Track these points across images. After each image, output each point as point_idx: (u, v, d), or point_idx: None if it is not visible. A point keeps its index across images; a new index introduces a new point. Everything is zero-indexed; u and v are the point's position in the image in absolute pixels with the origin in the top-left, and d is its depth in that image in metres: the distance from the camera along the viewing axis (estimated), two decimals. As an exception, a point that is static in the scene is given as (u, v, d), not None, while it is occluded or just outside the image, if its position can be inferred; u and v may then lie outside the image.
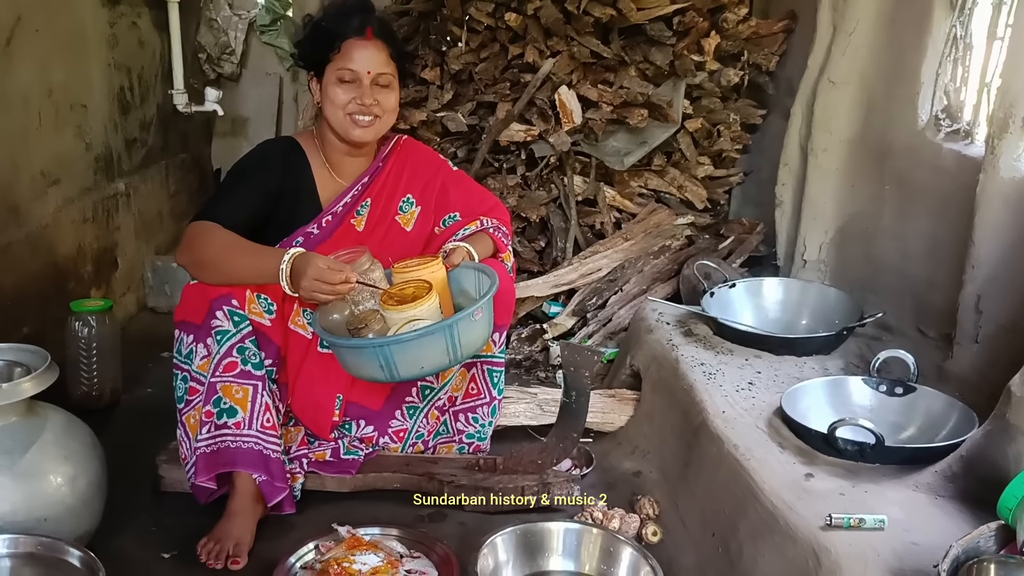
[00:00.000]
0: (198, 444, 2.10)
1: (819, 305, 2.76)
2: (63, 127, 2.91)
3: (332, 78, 2.26)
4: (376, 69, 2.26)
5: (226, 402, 2.09)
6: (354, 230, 2.37)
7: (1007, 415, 1.70)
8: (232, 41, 4.10)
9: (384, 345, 1.99)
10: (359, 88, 2.25)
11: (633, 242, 3.38)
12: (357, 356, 2.05)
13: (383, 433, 2.39)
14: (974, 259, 2.22)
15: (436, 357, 2.04)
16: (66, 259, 2.92)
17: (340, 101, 2.26)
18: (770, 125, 3.55)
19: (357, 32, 2.25)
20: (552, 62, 3.44)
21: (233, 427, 2.09)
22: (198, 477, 2.09)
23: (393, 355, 1.98)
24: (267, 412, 2.12)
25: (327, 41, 2.26)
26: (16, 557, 1.72)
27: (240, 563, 1.99)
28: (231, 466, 2.09)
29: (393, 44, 2.31)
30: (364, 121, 2.28)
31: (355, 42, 2.25)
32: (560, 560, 1.96)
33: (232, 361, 2.10)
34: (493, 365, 2.44)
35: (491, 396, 2.45)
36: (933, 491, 1.80)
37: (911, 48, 2.59)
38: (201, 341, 2.12)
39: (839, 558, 1.58)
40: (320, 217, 2.33)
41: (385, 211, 2.41)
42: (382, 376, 2.03)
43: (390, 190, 2.43)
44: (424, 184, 2.46)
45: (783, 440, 2.04)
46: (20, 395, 1.80)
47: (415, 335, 1.99)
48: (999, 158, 2.13)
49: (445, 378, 2.41)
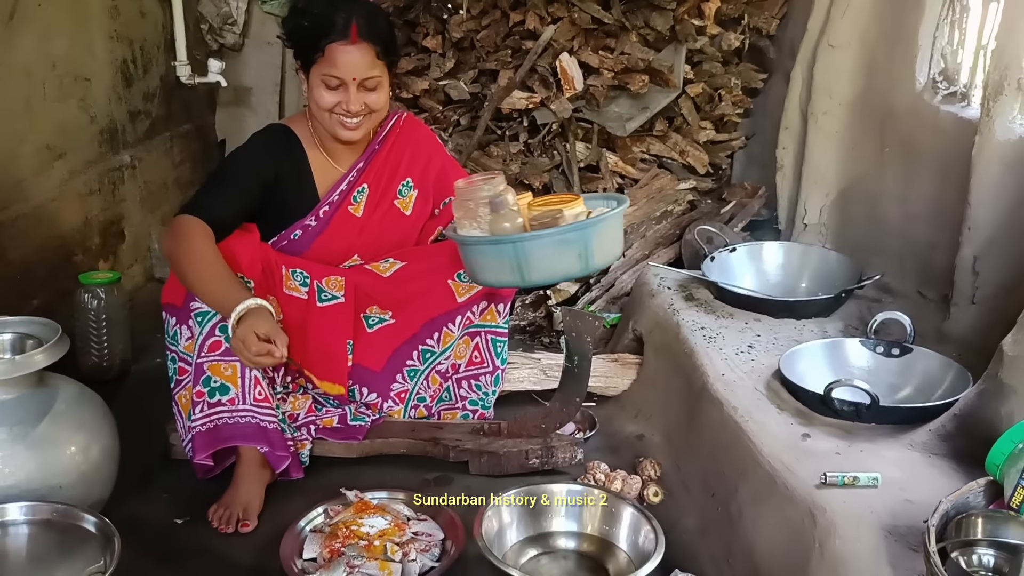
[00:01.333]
0: (193, 423, 2.13)
1: (819, 268, 2.78)
2: (67, 100, 2.93)
3: (316, 80, 2.20)
4: (362, 74, 2.18)
5: (216, 380, 2.12)
6: (352, 216, 2.38)
7: (999, 374, 1.74)
8: (233, 11, 4.09)
9: (590, 227, 2.01)
10: (345, 93, 2.19)
11: (635, 207, 3.39)
12: (559, 246, 2.02)
13: (385, 397, 2.41)
14: (971, 221, 2.23)
15: (617, 243, 2.12)
16: (73, 231, 2.95)
17: (325, 104, 2.21)
18: (772, 88, 3.55)
19: (341, 34, 2.14)
20: (553, 29, 3.44)
21: (228, 403, 2.12)
22: (196, 455, 2.13)
23: (593, 239, 2.01)
24: (257, 385, 2.14)
25: (311, 42, 2.17)
26: (34, 524, 1.76)
27: (250, 526, 2.05)
28: (230, 441, 2.13)
29: (380, 41, 2.20)
30: (351, 123, 2.24)
31: (339, 46, 2.15)
32: (563, 521, 2.00)
33: (216, 340, 2.11)
34: (496, 335, 2.48)
35: (494, 365, 2.49)
36: (927, 450, 1.83)
37: (909, 10, 2.58)
38: (184, 323, 2.15)
39: (834, 516, 1.62)
40: (317, 208, 2.34)
41: (383, 195, 2.41)
42: (579, 267, 2.05)
43: (389, 173, 2.42)
44: (423, 167, 2.46)
45: (782, 402, 2.08)
46: (33, 367, 1.83)
47: (611, 215, 2.05)
48: (994, 120, 2.14)
49: (446, 343, 2.43)
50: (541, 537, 1.98)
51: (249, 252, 2.21)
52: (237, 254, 2.17)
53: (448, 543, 1.93)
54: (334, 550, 1.87)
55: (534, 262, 2.03)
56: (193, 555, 1.97)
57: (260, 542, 2.00)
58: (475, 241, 2.09)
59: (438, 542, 1.94)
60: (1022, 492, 1.43)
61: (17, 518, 1.76)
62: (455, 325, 2.44)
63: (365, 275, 2.40)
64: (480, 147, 3.58)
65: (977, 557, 1.41)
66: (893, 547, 1.53)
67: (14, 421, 1.81)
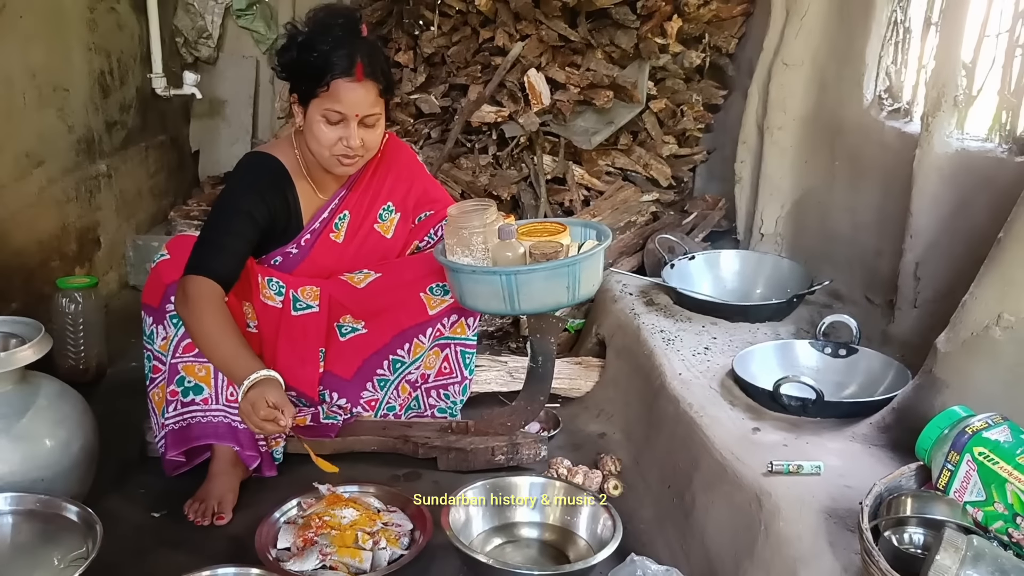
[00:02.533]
0: (166, 421, 2.20)
1: (773, 275, 2.90)
2: (46, 109, 3.00)
3: (317, 115, 2.19)
4: (364, 111, 2.19)
5: (190, 380, 2.19)
6: (333, 243, 2.43)
7: (933, 369, 1.86)
8: (209, 25, 4.18)
9: (577, 263, 2.11)
10: (346, 129, 2.20)
11: (600, 218, 3.49)
12: (550, 279, 2.12)
13: (355, 404, 2.50)
14: (912, 229, 2.36)
15: (598, 275, 2.20)
16: (51, 237, 3.01)
17: (326, 140, 2.21)
18: (731, 105, 3.68)
19: (345, 71, 2.15)
20: (521, 45, 3.55)
21: (201, 403, 2.20)
22: (168, 452, 2.21)
23: (581, 272, 2.12)
24: (230, 386, 2.20)
25: (315, 77, 2.17)
26: (18, 514, 1.84)
27: (224, 519, 2.12)
28: (202, 439, 2.20)
29: (382, 79, 2.22)
30: (348, 161, 2.26)
31: (344, 83, 2.15)
32: (527, 512, 2.10)
33: (190, 342, 2.17)
34: (466, 347, 2.56)
35: (463, 376, 2.57)
36: (868, 441, 1.94)
37: (857, 31, 2.71)
38: (159, 323, 2.21)
39: (779, 500, 1.73)
40: (299, 237, 2.37)
41: (364, 220, 2.45)
42: (567, 298, 2.15)
43: (370, 199, 2.45)
44: (405, 191, 2.50)
45: (734, 399, 2.19)
46: (17, 363, 1.91)
47: (598, 250, 2.15)
48: (933, 135, 2.27)
49: (416, 354, 2.52)
50: (506, 527, 2.08)
51: None
52: None
53: (416, 533, 2.02)
54: (307, 539, 1.94)
55: (525, 293, 2.12)
56: (170, 546, 2.05)
57: (235, 533, 2.08)
58: (471, 270, 2.16)
59: (407, 532, 2.03)
60: (948, 473, 1.54)
61: (3, 508, 1.84)
62: (426, 337, 2.52)
63: (340, 285, 2.47)
64: (450, 159, 3.68)
65: (908, 536, 1.51)
66: (832, 528, 1.64)
67: (-2, 416, 1.88)
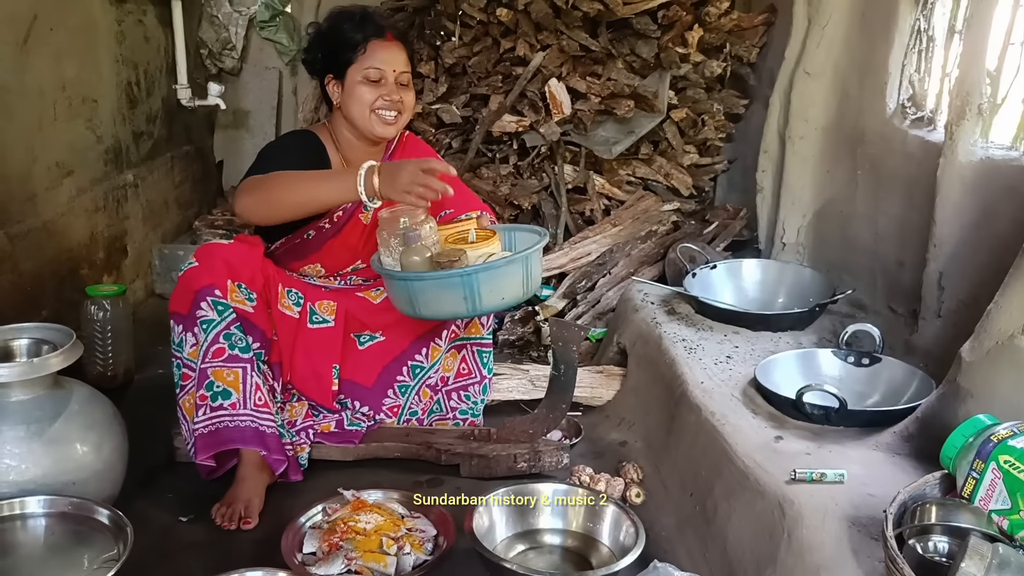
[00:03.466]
0: (196, 426, 2.23)
1: (795, 284, 2.90)
2: (76, 120, 3.05)
3: (357, 77, 2.38)
4: (399, 68, 2.41)
5: (219, 385, 2.22)
6: (361, 223, 2.49)
7: (958, 379, 1.85)
8: (233, 37, 4.23)
9: (472, 273, 2.12)
10: (385, 86, 2.38)
11: (621, 228, 3.52)
12: (443, 288, 2.15)
13: (378, 411, 2.53)
14: (936, 238, 2.37)
15: (514, 287, 2.19)
16: (80, 246, 3.06)
17: (367, 99, 2.38)
18: (752, 114, 3.69)
19: (377, 33, 2.39)
20: (542, 55, 3.58)
21: (229, 408, 2.22)
22: (198, 456, 2.23)
23: (479, 284, 2.12)
24: (258, 391, 2.24)
25: (350, 44, 2.38)
26: (50, 516, 1.87)
27: (251, 523, 2.15)
28: (230, 444, 2.23)
29: (409, 46, 2.46)
30: (389, 118, 2.41)
31: (378, 43, 2.39)
32: (549, 519, 2.10)
33: (220, 347, 2.21)
34: (481, 346, 2.59)
35: (481, 375, 2.60)
36: (891, 450, 1.95)
37: (880, 40, 2.73)
38: (189, 330, 2.24)
39: (801, 508, 1.73)
40: (332, 212, 2.43)
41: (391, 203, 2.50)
42: (464, 309, 2.17)
43: None
44: None
45: (756, 407, 2.20)
46: (49, 369, 1.94)
47: (502, 262, 2.15)
48: (957, 143, 2.27)
49: (434, 358, 2.55)
50: (529, 533, 2.08)
51: (251, 265, 2.32)
52: (240, 267, 2.28)
53: (440, 538, 2.03)
54: (333, 544, 1.96)
55: (423, 300, 2.19)
56: (198, 549, 2.07)
57: (262, 538, 2.10)
58: (379, 271, 2.28)
59: (431, 537, 2.04)
60: (972, 481, 1.54)
61: (36, 511, 1.86)
62: (441, 339, 2.55)
63: (357, 302, 2.52)
64: (471, 169, 3.71)
65: (932, 544, 1.51)
66: (855, 536, 1.65)
67: (31, 420, 1.91)
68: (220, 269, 2.25)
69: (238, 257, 2.30)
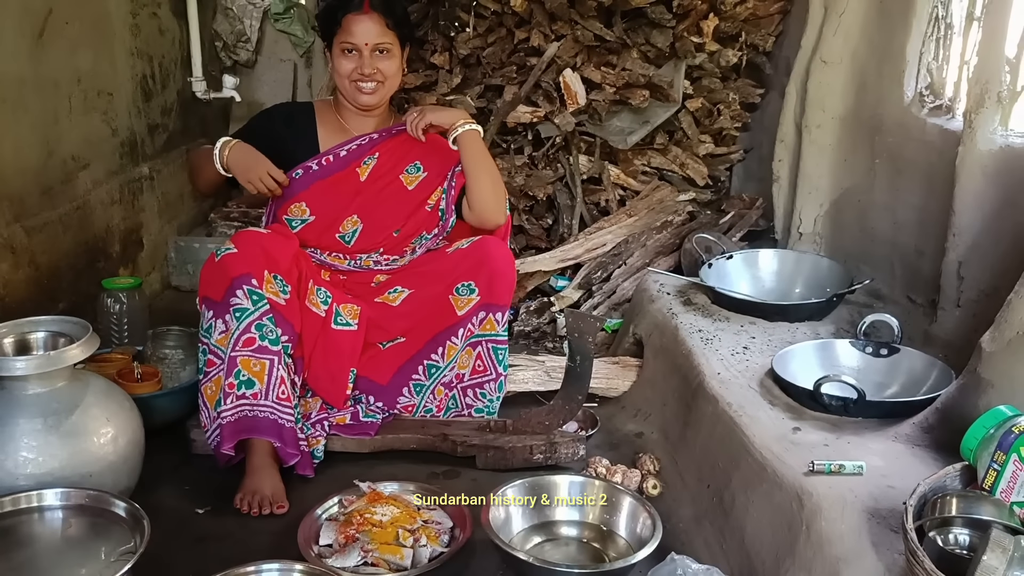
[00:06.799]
0: (223, 413, 2.24)
1: (812, 274, 2.88)
2: (91, 113, 3.05)
3: (337, 50, 2.52)
4: (373, 40, 2.48)
5: (245, 374, 2.23)
6: (356, 177, 2.59)
7: (978, 369, 1.84)
8: (247, 29, 4.22)
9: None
10: (360, 58, 2.49)
11: (637, 218, 3.50)
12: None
13: (392, 408, 2.53)
14: (955, 228, 2.34)
15: None
16: (96, 239, 3.06)
17: (344, 71, 2.52)
18: (768, 103, 3.66)
19: (356, 7, 2.47)
20: (557, 45, 3.56)
21: (251, 397, 2.24)
22: (224, 445, 2.24)
23: None
24: (282, 384, 2.26)
25: (331, 18, 2.52)
26: (68, 508, 1.88)
27: (285, 507, 2.17)
28: (249, 433, 2.24)
29: (391, 14, 2.51)
30: (367, 88, 2.52)
31: (353, 16, 2.47)
32: (566, 510, 2.10)
33: (251, 337, 2.24)
34: (497, 343, 2.57)
35: (497, 372, 2.58)
36: (911, 441, 1.93)
37: (897, 28, 2.70)
38: (220, 317, 2.26)
39: (820, 500, 1.72)
40: (320, 156, 2.58)
41: (392, 167, 2.61)
42: None
43: (403, 151, 2.62)
44: (441, 160, 2.61)
45: (774, 398, 2.18)
46: (67, 361, 1.95)
47: None
48: (976, 131, 2.25)
49: (450, 357, 2.54)
50: (545, 525, 2.08)
51: (288, 257, 2.36)
52: (278, 258, 2.32)
53: (456, 530, 2.04)
54: (349, 536, 1.97)
55: None
56: (215, 540, 2.08)
57: (278, 530, 2.10)
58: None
59: (447, 529, 2.05)
60: (994, 473, 1.53)
61: (53, 503, 1.88)
62: (458, 338, 2.54)
63: (377, 308, 2.53)
64: (486, 160, 3.69)
65: (953, 536, 1.50)
66: (875, 528, 1.63)
67: (48, 412, 1.92)
68: (259, 258, 2.28)
69: (276, 247, 2.34)
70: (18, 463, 1.87)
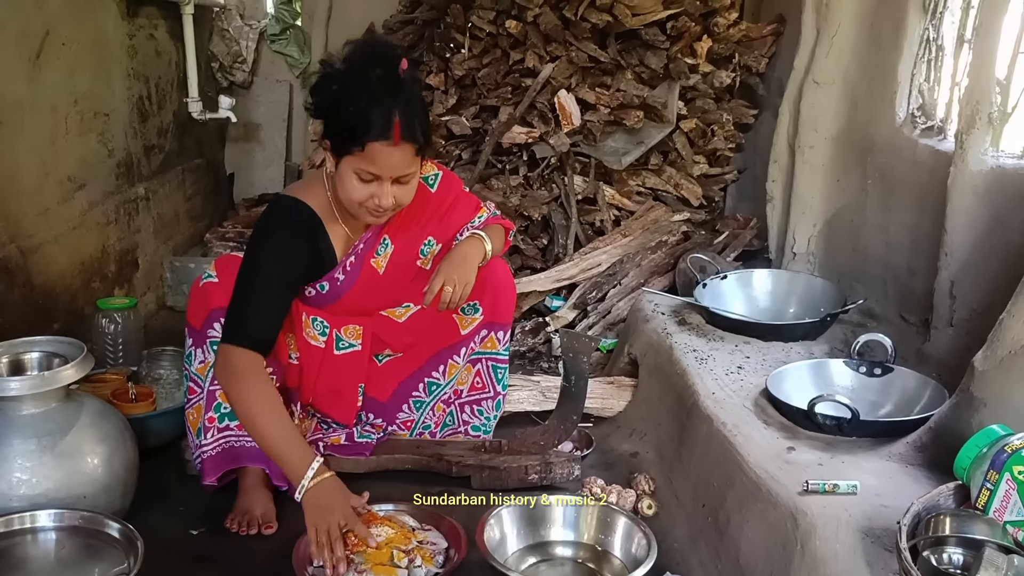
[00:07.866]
0: (203, 446, 2.23)
1: (806, 294, 2.90)
2: (88, 134, 3.06)
3: (350, 170, 2.08)
4: (399, 172, 2.08)
5: (225, 407, 2.21)
6: (376, 273, 2.34)
7: (971, 388, 1.84)
8: (243, 50, 4.26)
9: None
10: (380, 187, 2.08)
11: (631, 238, 3.52)
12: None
13: (391, 423, 2.53)
14: (947, 247, 2.36)
15: None
16: (91, 259, 3.07)
17: (358, 196, 2.10)
18: (762, 124, 3.69)
19: (382, 133, 2.01)
20: (551, 67, 3.59)
21: (235, 428, 2.23)
22: (206, 478, 2.24)
23: None
24: None
25: (350, 136, 2.04)
26: (61, 529, 1.88)
27: (273, 527, 2.16)
28: (235, 462, 2.24)
29: (420, 138, 2.09)
30: (379, 214, 2.16)
31: (380, 146, 2.02)
32: (561, 530, 2.10)
33: None
34: (497, 362, 2.56)
35: (495, 391, 2.58)
36: (904, 460, 1.93)
37: (889, 50, 2.72)
38: (199, 346, 2.23)
39: (814, 519, 1.72)
40: (344, 260, 2.29)
41: (408, 257, 2.39)
42: None
43: (414, 232, 2.37)
44: (451, 228, 2.42)
45: (768, 418, 2.18)
46: (61, 382, 1.95)
47: None
48: (967, 152, 2.27)
49: (451, 375, 2.54)
50: (540, 546, 2.08)
51: None
52: None
53: (451, 551, 2.03)
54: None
55: None
56: (209, 562, 2.06)
57: (272, 550, 2.09)
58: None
59: (442, 550, 2.04)
60: (987, 492, 1.53)
61: (47, 524, 1.87)
62: (460, 357, 2.53)
63: (381, 321, 2.48)
64: (481, 180, 3.71)
65: (947, 556, 1.50)
66: (869, 547, 1.63)
67: (43, 433, 1.92)
68: None
69: None
70: (12, 484, 1.87)
